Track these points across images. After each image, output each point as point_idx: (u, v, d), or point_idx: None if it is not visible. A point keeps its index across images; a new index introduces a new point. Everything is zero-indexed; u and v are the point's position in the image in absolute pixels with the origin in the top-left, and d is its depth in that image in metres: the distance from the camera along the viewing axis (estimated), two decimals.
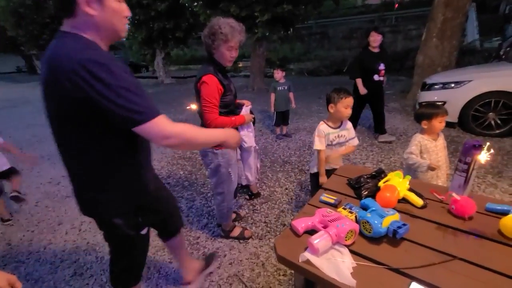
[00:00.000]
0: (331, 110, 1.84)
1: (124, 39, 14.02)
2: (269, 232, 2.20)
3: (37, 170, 3.71)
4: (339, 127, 1.91)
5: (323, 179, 1.87)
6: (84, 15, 0.86)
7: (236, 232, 2.14)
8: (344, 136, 1.92)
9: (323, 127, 1.89)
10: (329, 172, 1.85)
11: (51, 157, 4.07)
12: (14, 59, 24.27)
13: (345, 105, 1.79)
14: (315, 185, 2.00)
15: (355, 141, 1.98)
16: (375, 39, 3.44)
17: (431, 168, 1.72)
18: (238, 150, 2.12)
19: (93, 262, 2.02)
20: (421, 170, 1.78)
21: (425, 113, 1.81)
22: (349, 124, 1.96)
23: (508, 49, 6.27)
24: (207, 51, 1.70)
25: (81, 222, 2.50)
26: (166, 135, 0.90)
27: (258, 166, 2.42)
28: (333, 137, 1.88)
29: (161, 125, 0.89)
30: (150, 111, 0.87)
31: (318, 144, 1.87)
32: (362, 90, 3.59)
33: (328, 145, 1.90)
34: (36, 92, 3.75)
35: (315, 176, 1.99)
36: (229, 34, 1.57)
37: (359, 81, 3.60)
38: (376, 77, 3.55)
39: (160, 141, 0.90)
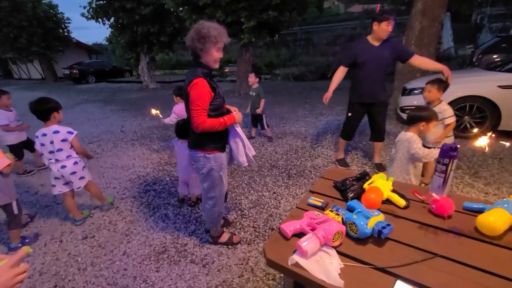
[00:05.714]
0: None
1: (107, 42, 13.66)
2: (257, 237, 2.20)
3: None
4: None
5: None
6: None
7: (225, 238, 2.12)
8: None
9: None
10: None
11: (29, 165, 3.89)
12: None
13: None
14: None
15: None
16: None
17: None
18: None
19: (75, 274, 1.94)
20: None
21: (428, 115, 1.92)
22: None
23: (480, 56, 6.68)
24: (194, 55, 1.71)
25: (62, 232, 2.40)
26: None
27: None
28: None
29: None
30: None
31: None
32: None
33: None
34: (13, 97, 3.56)
35: None
36: (218, 36, 1.63)
37: None
38: None
39: None
